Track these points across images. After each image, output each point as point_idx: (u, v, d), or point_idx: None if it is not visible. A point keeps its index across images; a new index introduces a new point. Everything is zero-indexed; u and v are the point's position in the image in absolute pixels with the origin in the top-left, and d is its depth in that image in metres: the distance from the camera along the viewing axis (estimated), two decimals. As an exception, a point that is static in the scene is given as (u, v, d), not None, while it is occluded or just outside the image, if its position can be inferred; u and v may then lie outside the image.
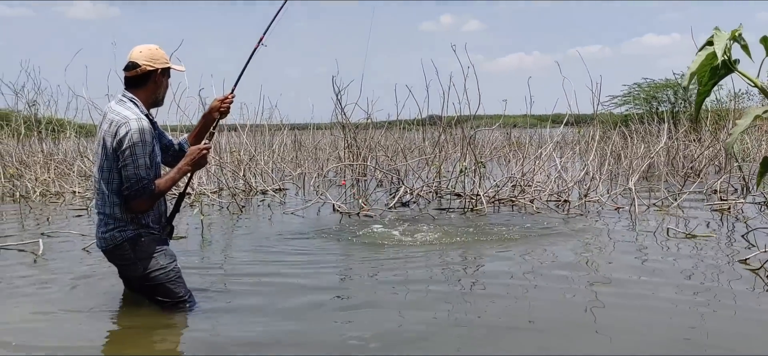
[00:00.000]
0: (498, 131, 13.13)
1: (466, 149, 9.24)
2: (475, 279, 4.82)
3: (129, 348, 3.46)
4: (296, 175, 11.88)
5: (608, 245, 5.99)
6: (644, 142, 11.92)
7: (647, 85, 20.89)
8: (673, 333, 3.57)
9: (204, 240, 6.39)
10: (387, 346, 3.38)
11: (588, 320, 3.82)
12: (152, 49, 3.73)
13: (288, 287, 4.54)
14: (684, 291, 4.38)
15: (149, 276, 3.71)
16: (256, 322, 3.76)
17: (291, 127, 14.68)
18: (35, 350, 3.35)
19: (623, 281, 4.66)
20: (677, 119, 16.61)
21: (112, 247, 3.67)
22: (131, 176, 3.51)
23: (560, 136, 11.02)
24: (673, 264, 5.19)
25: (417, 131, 13.84)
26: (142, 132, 3.51)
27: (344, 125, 10.63)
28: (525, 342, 3.46)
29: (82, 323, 3.80)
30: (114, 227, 3.63)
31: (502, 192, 8.98)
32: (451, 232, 6.52)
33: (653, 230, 6.53)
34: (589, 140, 9.87)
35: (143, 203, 3.59)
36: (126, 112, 3.57)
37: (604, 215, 7.73)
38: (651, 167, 11.54)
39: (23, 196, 9.64)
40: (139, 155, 3.50)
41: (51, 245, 5.99)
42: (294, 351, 3.37)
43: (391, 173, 10.39)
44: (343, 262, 5.47)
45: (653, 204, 8.24)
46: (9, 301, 4.27)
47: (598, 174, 9.24)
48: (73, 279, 4.78)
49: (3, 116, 14.02)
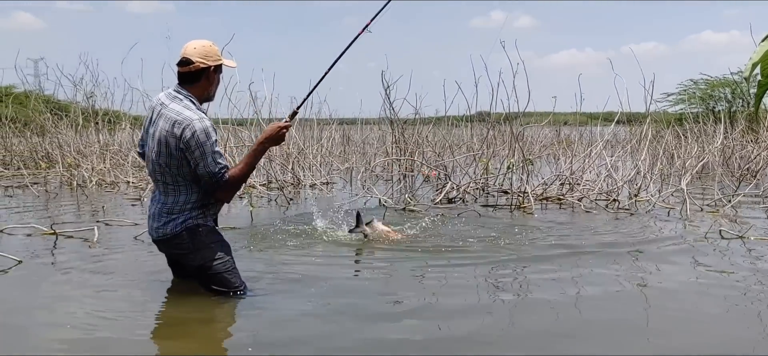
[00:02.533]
0: (547, 128, 12.98)
1: (514, 146, 9.17)
2: (520, 280, 4.78)
3: (177, 336, 3.54)
4: (344, 169, 11.96)
5: (658, 245, 5.87)
6: (698, 142, 11.60)
7: (704, 82, 20.35)
8: (725, 333, 3.50)
9: (252, 231, 6.49)
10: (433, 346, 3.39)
11: (639, 322, 3.77)
12: (206, 46, 3.80)
13: (332, 282, 4.55)
14: (736, 292, 4.27)
15: (207, 265, 3.83)
16: (301, 318, 3.77)
17: (339, 122, 14.77)
18: (88, 331, 3.46)
19: (673, 281, 4.58)
20: (734, 118, 16.08)
21: (171, 236, 3.80)
22: (204, 174, 3.66)
23: (612, 134, 10.83)
24: (725, 266, 5.06)
25: (465, 128, 13.78)
26: (207, 131, 3.63)
27: (392, 120, 10.64)
28: (578, 346, 3.42)
29: (133, 309, 3.90)
30: (173, 219, 3.77)
31: (550, 190, 8.88)
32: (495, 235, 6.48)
33: (705, 231, 6.36)
34: (641, 137, 9.65)
35: (223, 194, 3.79)
36: (187, 112, 3.67)
37: (654, 214, 7.57)
38: (705, 168, 11.25)
39: (80, 185, 9.96)
40: (208, 153, 3.64)
41: (105, 233, 6.17)
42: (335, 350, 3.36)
43: (439, 168, 10.37)
44: (387, 259, 5.43)
45: (706, 205, 8.04)
46: (65, 286, 4.42)
47: (650, 174, 9.05)
48: (124, 266, 4.93)
49: (62, 108, 14.48)
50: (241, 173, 3.78)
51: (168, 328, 3.67)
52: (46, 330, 3.57)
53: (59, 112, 14.04)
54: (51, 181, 10.90)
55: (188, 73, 3.77)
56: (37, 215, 7.36)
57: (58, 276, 4.71)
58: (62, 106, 14.69)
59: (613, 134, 11.55)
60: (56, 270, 4.87)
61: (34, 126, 13.64)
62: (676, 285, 4.51)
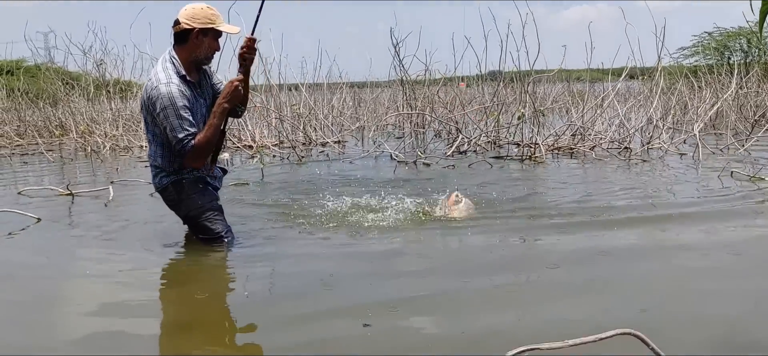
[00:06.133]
0: (559, 84, 12.87)
1: (526, 99, 9.12)
2: (536, 243, 4.77)
3: (186, 282, 3.60)
4: (355, 128, 11.96)
5: (668, 182, 5.87)
6: (712, 91, 11.46)
7: (718, 33, 20.10)
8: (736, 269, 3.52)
9: (262, 183, 6.53)
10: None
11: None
12: (196, 8, 3.73)
13: (335, 233, 4.51)
14: (747, 231, 4.27)
15: (191, 215, 3.95)
16: (298, 265, 3.80)
17: (350, 85, 14.69)
18: (104, 283, 3.54)
19: (683, 218, 4.59)
20: (751, 68, 15.83)
21: (161, 190, 3.94)
22: (171, 139, 3.67)
23: (625, 87, 10.74)
24: (735, 205, 5.04)
25: (477, 87, 13.64)
26: (170, 96, 3.60)
27: (403, 81, 10.59)
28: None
29: (146, 258, 3.99)
30: (159, 173, 3.89)
31: (562, 141, 8.85)
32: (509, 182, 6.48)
33: (718, 171, 6.34)
34: (653, 86, 9.56)
35: (191, 160, 3.74)
36: (160, 75, 3.67)
37: (666, 160, 7.54)
38: (719, 117, 11.14)
39: (94, 150, 10.05)
40: (171, 117, 3.61)
41: (120, 193, 6.25)
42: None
43: (450, 123, 10.34)
44: (394, 217, 5.02)
45: (719, 150, 7.99)
46: (83, 240, 4.52)
47: (662, 123, 8.99)
48: (137, 221, 5.00)
49: (74, 78, 14.53)
50: (207, 138, 3.71)
51: (176, 278, 3.74)
52: (64, 281, 3.68)
53: (71, 81, 14.10)
54: (65, 147, 11.02)
55: (176, 33, 3.76)
56: (53, 179, 7.45)
57: (75, 232, 4.81)
58: (74, 76, 14.74)
59: (627, 88, 11.46)
60: (73, 227, 4.96)
61: (46, 97, 13.72)
62: (683, 220, 4.50)
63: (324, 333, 2.67)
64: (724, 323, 2.70)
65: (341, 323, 2.77)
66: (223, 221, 4.00)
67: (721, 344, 2.50)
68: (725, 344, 2.50)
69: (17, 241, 4.53)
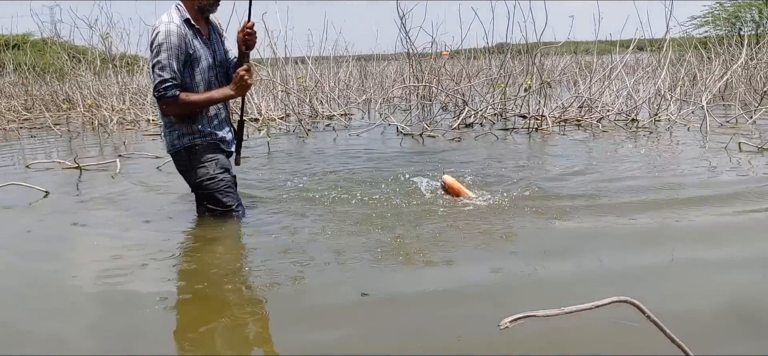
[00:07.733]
0: (567, 56, 12.79)
1: (533, 70, 9.07)
2: (540, 218, 4.77)
3: (195, 256, 3.63)
4: (361, 101, 11.94)
5: (673, 151, 5.85)
6: (722, 62, 11.34)
7: (730, 3, 19.85)
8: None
9: (269, 155, 6.55)
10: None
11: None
12: None
13: (340, 204, 4.54)
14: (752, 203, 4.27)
15: (201, 184, 3.85)
16: (305, 235, 3.82)
17: (356, 58, 14.64)
18: (111, 253, 3.56)
19: (689, 189, 4.58)
20: (762, 39, 15.61)
21: (174, 154, 3.84)
22: (155, 77, 3.58)
23: (633, 59, 10.65)
24: (742, 176, 5.03)
25: (483, 59, 13.55)
26: (168, 34, 3.55)
27: (409, 54, 10.53)
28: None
29: (154, 231, 4.02)
30: (172, 131, 3.79)
31: (569, 113, 8.82)
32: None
33: (725, 143, 6.31)
34: (661, 58, 9.49)
35: (169, 107, 3.65)
36: (163, 17, 3.64)
37: (673, 132, 7.51)
38: (728, 89, 11.05)
39: (101, 124, 10.08)
40: (163, 56, 3.54)
41: (127, 165, 6.28)
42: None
43: (456, 95, 10.30)
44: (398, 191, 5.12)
45: (727, 122, 7.95)
46: (91, 212, 4.58)
47: (670, 94, 8.94)
48: (145, 194, 5.04)
49: (80, 52, 14.53)
50: (194, 102, 3.67)
51: (185, 252, 3.74)
52: (72, 253, 3.74)
53: (78, 55, 14.11)
54: (73, 122, 11.05)
55: None
56: (61, 153, 7.49)
57: (83, 204, 4.85)
58: (80, 50, 14.74)
59: (635, 59, 11.37)
60: (81, 199, 5.01)
61: (53, 71, 13.73)
62: (689, 191, 4.49)
63: (326, 302, 2.74)
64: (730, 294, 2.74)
65: (342, 292, 2.84)
66: (235, 194, 3.97)
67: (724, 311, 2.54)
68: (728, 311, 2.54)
69: (25, 212, 4.58)
